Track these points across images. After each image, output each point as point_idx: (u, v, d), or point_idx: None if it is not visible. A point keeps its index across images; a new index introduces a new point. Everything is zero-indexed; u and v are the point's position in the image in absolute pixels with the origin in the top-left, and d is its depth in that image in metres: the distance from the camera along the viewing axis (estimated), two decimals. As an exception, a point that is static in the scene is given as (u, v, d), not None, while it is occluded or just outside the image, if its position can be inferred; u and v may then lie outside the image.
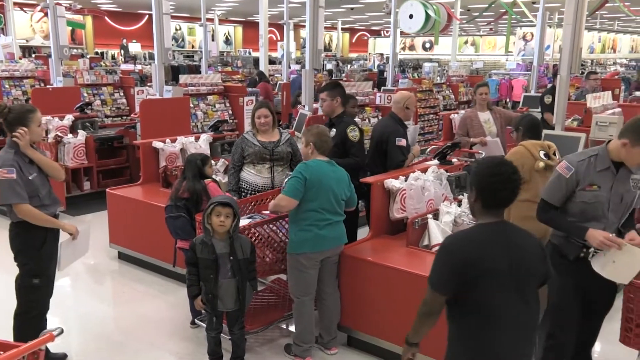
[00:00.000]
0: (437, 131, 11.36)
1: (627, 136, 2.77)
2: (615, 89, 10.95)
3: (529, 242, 2.24)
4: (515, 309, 2.16)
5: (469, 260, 2.14)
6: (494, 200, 2.19)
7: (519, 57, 17.80)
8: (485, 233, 2.21)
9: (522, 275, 2.16)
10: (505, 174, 2.17)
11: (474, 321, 2.18)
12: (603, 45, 18.82)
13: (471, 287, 2.14)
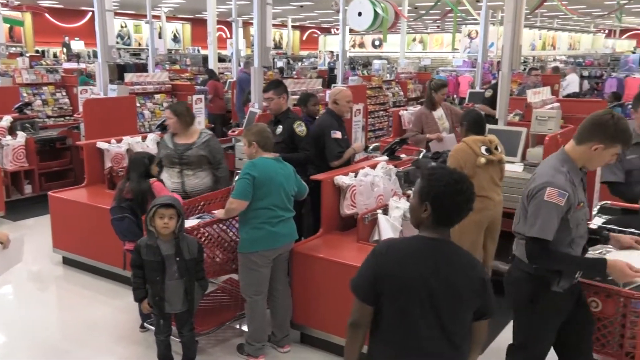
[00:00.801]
0: (387, 127, 11.52)
1: (598, 139, 2.50)
2: (555, 85, 11.41)
3: (467, 269, 2.01)
4: (427, 333, 1.99)
5: (391, 270, 2.00)
6: (449, 219, 2.04)
7: (465, 55, 18.26)
8: (420, 247, 2.04)
9: (446, 301, 1.97)
10: (467, 192, 2.02)
11: (385, 331, 2.06)
12: (543, 42, 19.56)
13: (388, 299, 2.01)
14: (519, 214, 2.65)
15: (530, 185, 2.56)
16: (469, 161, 3.91)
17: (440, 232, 2.05)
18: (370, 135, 11.43)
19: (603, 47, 22.76)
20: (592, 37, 24.28)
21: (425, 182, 2.06)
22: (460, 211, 2.03)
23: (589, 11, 21.17)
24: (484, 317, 2.06)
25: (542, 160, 2.97)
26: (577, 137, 2.59)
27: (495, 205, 4.00)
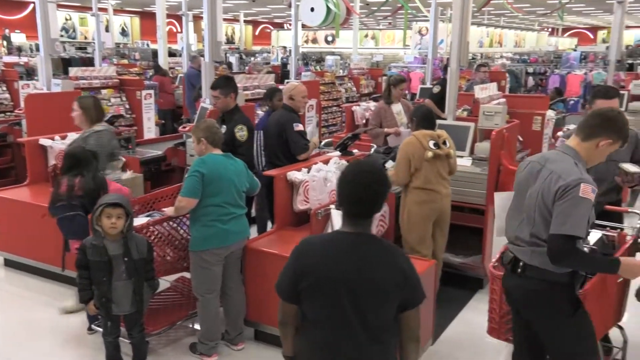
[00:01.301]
0: (341, 123, 11.58)
1: (607, 135, 2.51)
2: (502, 81, 11.76)
3: (386, 262, 1.99)
4: (349, 330, 1.97)
5: (310, 268, 2.00)
6: (355, 210, 2.01)
7: (416, 51, 18.53)
8: (338, 243, 2.03)
9: (367, 296, 1.95)
10: (359, 181, 1.98)
11: (309, 328, 2.07)
12: (491, 40, 20.11)
13: (309, 297, 2.02)
14: (531, 219, 2.52)
15: (556, 184, 2.42)
16: (417, 154, 3.99)
17: (357, 226, 2.02)
18: (323, 131, 11.46)
19: (547, 45, 23.64)
20: (536, 35, 25.13)
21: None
22: (359, 200, 1.98)
23: (533, 10, 21.91)
24: (409, 308, 2.02)
25: (532, 156, 2.76)
26: (584, 133, 2.56)
27: (442, 198, 4.09)
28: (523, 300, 2.63)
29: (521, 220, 2.60)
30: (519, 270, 2.57)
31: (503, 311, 2.97)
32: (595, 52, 15.53)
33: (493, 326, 3.04)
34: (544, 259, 2.44)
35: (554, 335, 2.58)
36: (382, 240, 2.08)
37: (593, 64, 14.71)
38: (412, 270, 2.02)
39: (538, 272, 2.51)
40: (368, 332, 1.97)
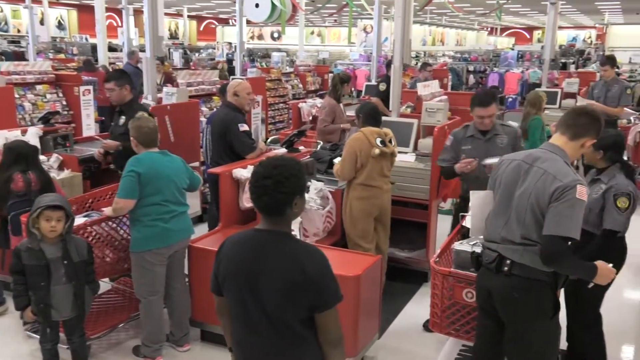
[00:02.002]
0: (288, 120, 11.56)
1: (592, 134, 2.55)
2: (444, 78, 12.06)
3: (291, 262, 1.95)
4: (256, 326, 1.99)
5: (223, 263, 2.05)
6: (258, 207, 2.00)
7: (361, 48, 18.72)
8: (247, 239, 2.04)
9: (270, 293, 1.94)
10: (258, 179, 1.95)
11: (232, 319, 2.10)
12: (433, 38, 20.60)
13: (224, 290, 2.06)
14: (522, 220, 2.49)
15: (552, 185, 2.39)
16: (364, 150, 4.03)
17: (270, 223, 2.00)
18: (270, 128, 11.40)
19: (486, 44, 24.41)
20: (476, 35, 25.95)
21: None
22: (257, 198, 1.95)
23: (473, 9, 22.56)
24: (319, 310, 1.96)
25: (506, 155, 2.75)
26: (572, 132, 2.54)
27: (383, 193, 4.16)
28: (507, 300, 2.54)
29: (506, 220, 2.54)
30: (506, 268, 2.50)
31: (444, 305, 3.05)
32: (531, 51, 16.13)
33: (435, 320, 3.11)
34: (535, 258, 2.45)
35: (530, 337, 2.54)
36: (291, 241, 2.02)
37: (529, 63, 15.30)
38: (319, 272, 1.96)
39: (526, 270, 2.48)
40: (275, 329, 1.98)
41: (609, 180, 3.20)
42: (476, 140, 3.94)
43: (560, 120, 2.64)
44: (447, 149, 4.06)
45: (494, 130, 3.93)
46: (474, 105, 3.89)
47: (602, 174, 3.28)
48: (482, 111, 3.84)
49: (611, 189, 3.15)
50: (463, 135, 3.98)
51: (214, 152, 4.78)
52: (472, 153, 3.86)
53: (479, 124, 3.91)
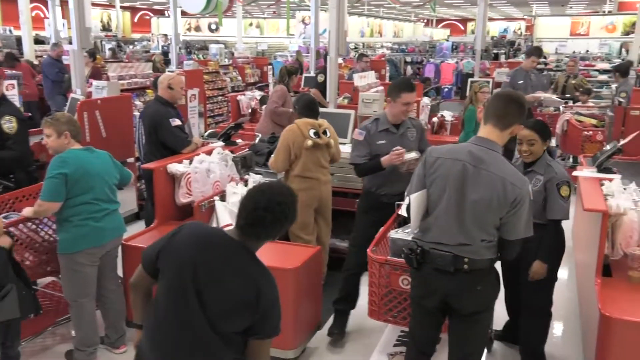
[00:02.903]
0: (227, 113, 11.39)
1: (519, 121, 2.56)
2: (382, 69, 12.22)
3: (245, 278, 1.93)
4: (179, 320, 1.95)
5: (173, 249, 1.98)
6: (244, 227, 1.96)
7: (301, 40, 18.68)
8: (215, 238, 2.00)
9: (212, 298, 1.91)
10: (257, 208, 1.93)
11: (155, 304, 2.04)
12: (371, 30, 20.79)
13: (161, 274, 2.00)
14: (480, 224, 2.47)
15: (513, 194, 2.40)
16: (297, 142, 4.03)
17: (245, 239, 1.98)
18: (210, 121, 11.21)
19: (423, 35, 24.89)
20: (413, 26, 26.42)
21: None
22: (250, 225, 1.95)
23: (409, 1, 22.96)
24: (257, 336, 1.97)
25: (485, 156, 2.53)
26: (504, 123, 2.51)
27: (321, 185, 4.17)
28: (471, 295, 2.53)
29: (460, 224, 2.48)
30: (466, 267, 2.49)
31: (382, 293, 3.09)
32: (465, 43, 16.61)
33: (373, 309, 3.15)
34: (489, 250, 2.51)
35: (486, 321, 2.67)
36: (256, 262, 2.00)
37: (463, 54, 15.76)
38: (271, 301, 1.95)
39: (482, 262, 2.51)
40: (208, 331, 1.94)
41: (545, 170, 3.19)
42: (390, 134, 3.69)
43: (488, 111, 2.56)
44: (360, 145, 3.71)
45: (406, 124, 3.74)
46: (401, 90, 3.60)
47: (534, 165, 3.24)
48: (409, 96, 3.61)
49: (553, 179, 3.15)
50: (376, 130, 3.69)
51: (147, 148, 4.64)
52: (388, 148, 3.61)
53: (403, 112, 3.65)
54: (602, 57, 16.81)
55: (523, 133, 3.16)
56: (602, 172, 3.90)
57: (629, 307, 2.90)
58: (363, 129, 3.73)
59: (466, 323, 2.60)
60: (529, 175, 3.17)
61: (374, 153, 3.66)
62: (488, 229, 2.48)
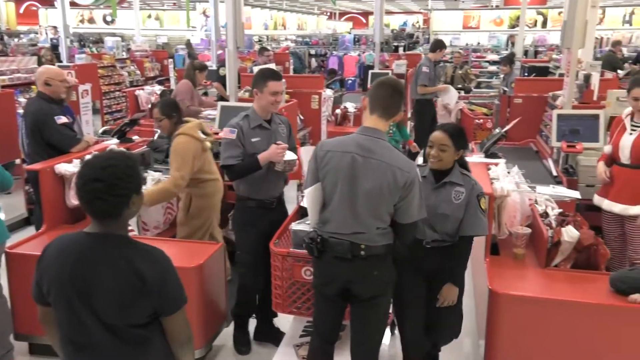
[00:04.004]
0: (126, 109, 10.90)
1: (401, 109, 2.68)
2: (286, 62, 12.22)
3: (119, 265, 1.82)
4: (83, 335, 1.85)
5: (45, 268, 1.87)
6: (86, 209, 1.84)
7: (203, 33, 18.25)
8: (76, 243, 1.88)
9: (101, 300, 1.81)
10: (86, 182, 1.78)
11: (59, 327, 1.93)
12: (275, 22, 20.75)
13: (48, 297, 1.88)
14: (375, 213, 2.52)
15: (403, 179, 2.46)
16: (197, 150, 3.77)
17: (103, 226, 1.86)
18: (107, 118, 10.68)
19: (326, 28, 25.22)
20: (316, 19, 26.68)
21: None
22: (89, 203, 1.80)
23: (312, -6, 23.19)
24: (164, 314, 1.89)
25: (373, 144, 2.56)
26: (390, 113, 2.58)
27: (220, 183, 4.05)
28: (369, 280, 2.59)
29: (354, 214, 2.52)
30: (362, 253, 2.55)
31: (286, 286, 3.10)
32: (367, 35, 17.02)
33: (277, 301, 3.15)
34: (385, 236, 2.58)
35: (384, 305, 2.72)
36: (128, 244, 1.89)
37: (365, 46, 16.14)
38: (160, 277, 1.85)
39: (379, 248, 2.57)
40: (114, 337, 1.85)
41: (464, 181, 2.86)
42: (264, 130, 3.41)
43: (373, 102, 2.60)
44: (232, 145, 3.34)
45: (275, 119, 3.50)
46: (267, 79, 3.32)
47: (449, 175, 2.87)
48: (276, 85, 3.34)
49: (473, 191, 2.84)
50: (248, 126, 3.37)
51: (31, 148, 4.31)
52: (264, 145, 3.36)
53: (272, 103, 3.36)
54: (492, 49, 17.92)
55: (437, 136, 2.85)
56: (488, 157, 4.16)
57: (515, 283, 3.12)
58: (234, 127, 3.35)
59: (366, 308, 2.67)
60: (446, 187, 2.85)
61: (249, 152, 3.35)
62: (382, 216, 2.55)
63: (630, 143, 3.75)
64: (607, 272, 3.17)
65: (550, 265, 3.20)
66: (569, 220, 3.32)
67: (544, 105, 5.98)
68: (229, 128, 3.37)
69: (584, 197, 4.08)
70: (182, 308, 1.93)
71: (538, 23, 19.82)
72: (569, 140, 4.63)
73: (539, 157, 5.39)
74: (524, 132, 5.94)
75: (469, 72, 10.08)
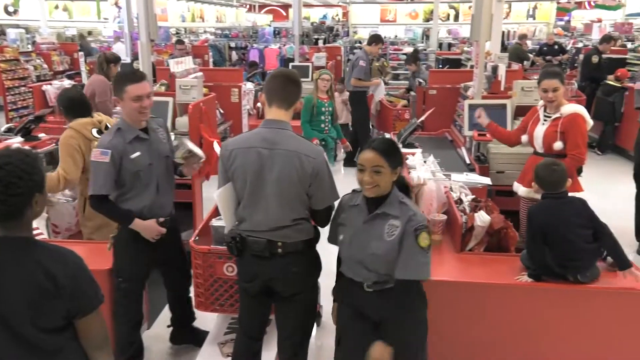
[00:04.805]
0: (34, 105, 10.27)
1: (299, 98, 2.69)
2: (205, 55, 11.97)
3: (26, 269, 1.72)
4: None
5: None
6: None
7: (116, 25, 17.48)
8: None
9: (3, 309, 1.71)
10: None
11: None
12: (193, 14, 20.23)
13: None
14: (288, 204, 2.50)
15: (310, 165, 2.44)
16: (84, 147, 3.53)
17: (4, 229, 1.75)
18: (13, 115, 10.03)
19: (246, 21, 24.90)
20: (236, 11, 26.28)
21: None
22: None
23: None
24: (78, 317, 1.81)
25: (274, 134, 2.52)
26: (288, 102, 2.57)
27: None
28: (288, 277, 2.56)
29: (266, 209, 2.50)
30: (280, 250, 2.54)
31: (208, 284, 3.04)
32: (287, 28, 16.98)
33: (200, 300, 3.10)
34: (303, 231, 2.57)
35: (309, 299, 2.71)
36: (34, 246, 1.78)
37: (286, 39, 16.10)
38: (71, 277, 1.76)
39: (297, 245, 2.56)
40: (25, 344, 1.74)
41: (400, 211, 2.34)
42: (143, 142, 3.00)
43: (269, 94, 2.58)
44: (105, 170, 2.88)
45: (152, 124, 3.10)
46: (125, 82, 2.91)
47: (383, 204, 2.37)
48: (137, 88, 2.89)
49: (409, 224, 2.31)
50: (124, 142, 2.93)
51: None
52: (146, 159, 2.98)
53: (138, 109, 2.91)
54: (408, 41, 18.44)
55: (366, 157, 2.34)
56: (406, 147, 4.27)
57: (432, 268, 3.22)
58: (107, 148, 2.88)
59: (289, 304, 2.66)
60: (379, 219, 2.37)
61: (132, 171, 2.94)
62: (296, 207, 2.53)
63: (542, 133, 3.97)
64: (517, 254, 3.36)
65: (465, 249, 3.34)
66: (481, 205, 3.48)
67: (457, 96, 6.23)
68: (100, 149, 2.90)
69: (494, 183, 4.29)
70: (98, 308, 1.85)
71: (451, 16, 20.64)
72: (480, 129, 4.85)
73: (453, 146, 5.61)
74: (439, 122, 6.16)
75: (385, 64, 10.32)
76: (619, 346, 2.90)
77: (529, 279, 2.94)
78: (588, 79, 8.90)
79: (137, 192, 2.99)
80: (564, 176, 2.99)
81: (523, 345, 2.99)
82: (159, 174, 3.05)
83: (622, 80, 8.27)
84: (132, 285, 3.10)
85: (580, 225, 2.87)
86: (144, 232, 3.01)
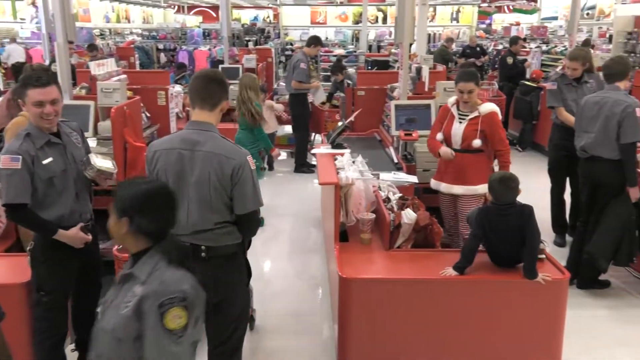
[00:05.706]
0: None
1: (228, 96, 2.65)
2: (131, 57, 11.59)
3: None
4: None
5: None
6: None
7: (34, 25, 16.60)
8: None
9: None
10: None
11: None
12: (117, 15, 19.52)
13: None
14: (209, 206, 2.46)
15: (230, 166, 2.42)
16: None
17: None
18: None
19: (174, 22, 24.31)
20: (163, 12, 25.61)
21: None
22: None
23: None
24: None
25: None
26: (211, 103, 2.52)
27: None
28: (213, 282, 2.45)
29: (186, 211, 2.45)
30: (203, 254, 2.48)
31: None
32: (217, 30, 16.74)
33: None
34: (229, 236, 2.52)
35: (236, 303, 2.65)
36: None
37: (216, 41, 15.86)
38: None
39: (222, 249, 2.52)
40: None
41: (148, 275, 1.77)
42: (55, 147, 2.83)
43: (192, 95, 2.54)
44: (18, 177, 2.70)
45: (63, 128, 2.93)
46: (27, 86, 2.74)
47: (139, 262, 1.84)
48: (39, 93, 2.71)
49: (147, 298, 1.70)
50: (34, 148, 2.76)
51: None
52: (60, 165, 2.83)
53: (40, 115, 2.74)
54: (339, 43, 18.67)
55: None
56: (335, 147, 4.32)
57: (362, 267, 3.28)
58: (16, 153, 2.71)
59: (216, 312, 2.60)
60: (125, 286, 1.82)
61: (44, 178, 2.77)
62: (218, 209, 2.48)
63: (461, 131, 4.10)
64: (442, 249, 3.47)
65: (394, 247, 3.42)
66: (408, 203, 3.57)
67: (385, 97, 6.36)
68: (9, 156, 2.70)
69: (421, 181, 4.41)
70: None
71: (379, 19, 21.07)
72: (406, 129, 4.97)
73: (382, 146, 5.73)
74: (368, 122, 6.27)
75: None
76: (529, 331, 3.08)
77: (453, 272, 3.05)
78: (506, 79, 9.35)
79: (51, 200, 2.81)
80: (516, 193, 3.14)
81: (450, 335, 3.10)
82: (75, 179, 2.90)
83: (537, 80, 8.73)
84: (55, 297, 2.90)
85: (511, 235, 3.06)
86: (69, 241, 2.85)
